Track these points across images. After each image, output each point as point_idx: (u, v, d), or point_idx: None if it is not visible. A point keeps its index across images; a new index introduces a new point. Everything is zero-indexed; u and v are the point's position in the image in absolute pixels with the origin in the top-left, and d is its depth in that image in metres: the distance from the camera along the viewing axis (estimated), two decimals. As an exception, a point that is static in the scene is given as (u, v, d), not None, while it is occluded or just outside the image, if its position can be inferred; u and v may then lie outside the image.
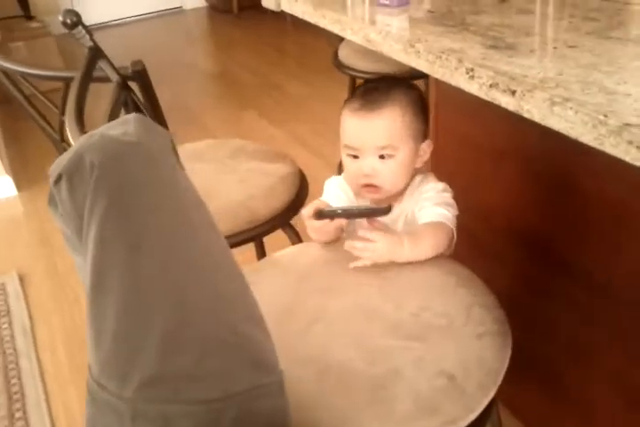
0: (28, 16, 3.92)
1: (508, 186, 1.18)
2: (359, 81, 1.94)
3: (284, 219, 1.21)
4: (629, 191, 0.94)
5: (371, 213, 0.91)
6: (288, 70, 3.61)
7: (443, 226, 0.91)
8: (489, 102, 0.79)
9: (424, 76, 1.61)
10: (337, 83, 2.46)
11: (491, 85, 0.77)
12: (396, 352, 0.77)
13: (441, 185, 0.97)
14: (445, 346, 0.77)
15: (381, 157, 0.93)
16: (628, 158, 0.62)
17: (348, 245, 0.88)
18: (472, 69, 0.79)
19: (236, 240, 1.15)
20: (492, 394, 0.75)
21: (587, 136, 0.66)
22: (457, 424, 0.71)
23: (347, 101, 0.97)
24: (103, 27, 4.53)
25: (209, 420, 0.49)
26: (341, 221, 0.91)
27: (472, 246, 1.01)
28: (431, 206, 0.94)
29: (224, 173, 1.28)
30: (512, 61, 0.79)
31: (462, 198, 1.01)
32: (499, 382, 0.76)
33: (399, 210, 1.00)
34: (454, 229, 0.93)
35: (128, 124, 0.47)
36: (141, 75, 0.88)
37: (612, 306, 1.00)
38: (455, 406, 0.71)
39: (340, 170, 2.20)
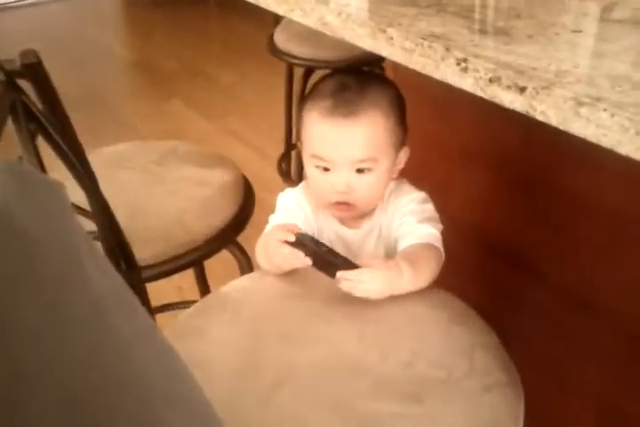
0: None
1: (480, 191, 1.05)
2: (298, 69, 1.76)
3: (227, 237, 1.02)
4: (623, 199, 0.83)
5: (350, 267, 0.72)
6: (214, 56, 3.35)
7: (434, 249, 0.77)
8: (459, 95, 0.64)
9: (377, 62, 1.46)
10: (270, 70, 2.26)
11: (490, 80, 0.62)
12: (389, 420, 0.61)
13: (422, 195, 0.83)
14: (447, 407, 0.62)
15: (359, 170, 0.77)
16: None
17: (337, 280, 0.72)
18: (465, 60, 0.64)
19: (172, 267, 0.96)
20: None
21: (626, 146, 0.52)
22: None
23: (311, 99, 0.79)
24: (3, 8, 4.08)
25: None
26: (308, 262, 0.72)
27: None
28: (415, 224, 0.78)
29: (152, 183, 1.07)
30: (511, 50, 0.64)
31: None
32: (514, 446, 0.62)
33: (370, 226, 0.85)
34: (442, 250, 0.78)
35: None
36: (35, 69, 0.67)
37: (593, 325, 0.90)
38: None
39: (280, 168, 2.03)
